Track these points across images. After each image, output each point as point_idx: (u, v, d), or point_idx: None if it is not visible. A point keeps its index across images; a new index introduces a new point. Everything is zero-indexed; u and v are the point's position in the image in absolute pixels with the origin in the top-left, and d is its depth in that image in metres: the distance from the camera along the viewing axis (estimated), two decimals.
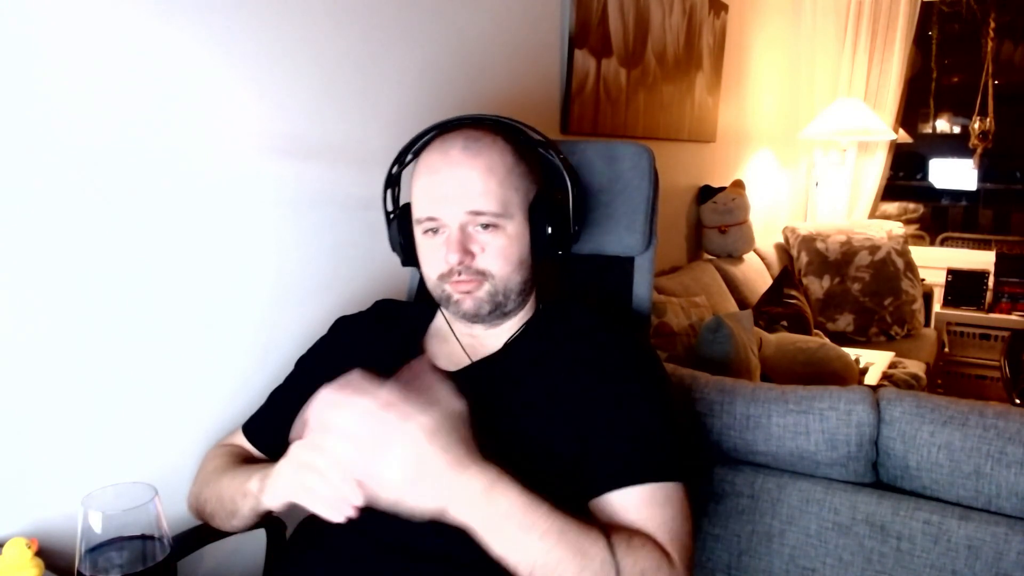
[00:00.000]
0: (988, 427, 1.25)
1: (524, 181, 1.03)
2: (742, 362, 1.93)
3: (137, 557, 0.73)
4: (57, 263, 1.01)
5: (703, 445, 1.44)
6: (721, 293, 2.96)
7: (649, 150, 1.26)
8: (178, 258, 1.16)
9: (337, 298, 1.42)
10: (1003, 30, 4.27)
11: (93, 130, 1.03)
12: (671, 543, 0.88)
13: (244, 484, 0.93)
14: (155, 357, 1.14)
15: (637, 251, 1.27)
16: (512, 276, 1.01)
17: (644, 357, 1.03)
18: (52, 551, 0.98)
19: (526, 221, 1.02)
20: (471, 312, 1.01)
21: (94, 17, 1.01)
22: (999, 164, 4.79)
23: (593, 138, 2.26)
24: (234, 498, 0.96)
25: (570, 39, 2.11)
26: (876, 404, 1.33)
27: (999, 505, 1.24)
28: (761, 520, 1.39)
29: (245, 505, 0.93)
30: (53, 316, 1.02)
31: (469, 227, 0.99)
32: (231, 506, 0.97)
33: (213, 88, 1.17)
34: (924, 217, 5.06)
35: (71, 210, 1.02)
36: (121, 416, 1.11)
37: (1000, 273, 3.73)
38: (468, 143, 0.99)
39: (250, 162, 1.25)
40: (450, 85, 1.65)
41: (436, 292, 1.04)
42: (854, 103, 3.75)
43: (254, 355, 1.29)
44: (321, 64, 1.35)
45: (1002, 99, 4.16)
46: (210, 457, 1.11)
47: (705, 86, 3.10)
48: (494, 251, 0.99)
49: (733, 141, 3.53)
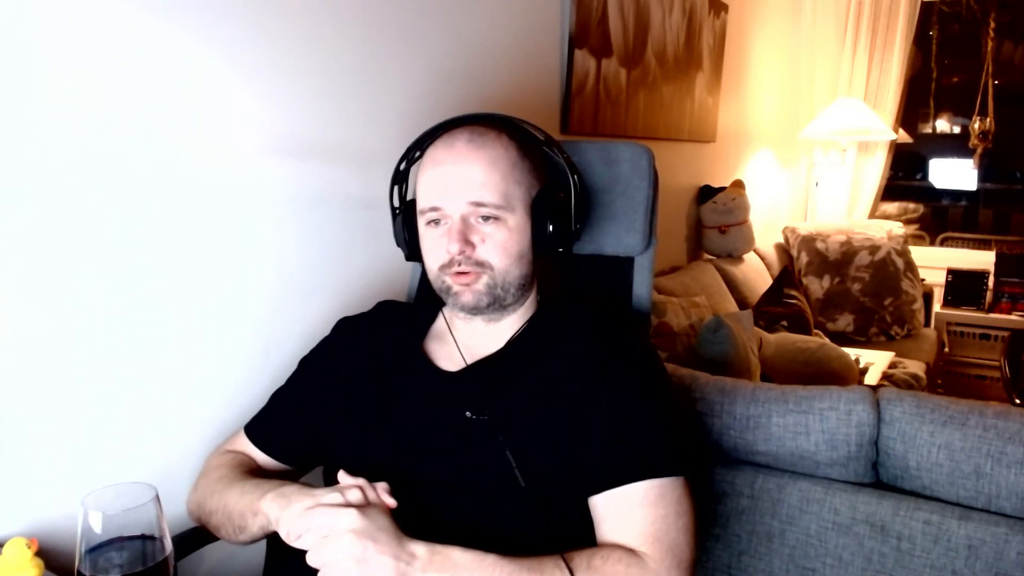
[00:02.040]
0: (988, 427, 1.25)
1: (527, 177, 1.03)
2: (742, 362, 1.93)
3: (137, 557, 0.73)
4: (57, 263, 1.01)
5: (703, 445, 1.44)
6: (721, 293, 2.96)
7: (649, 150, 1.26)
8: (179, 258, 1.16)
9: (337, 298, 1.42)
10: (1003, 30, 4.27)
11: (93, 130, 1.03)
12: (653, 544, 0.89)
13: (256, 502, 0.94)
14: (155, 357, 1.14)
15: (637, 251, 1.27)
16: (511, 269, 1.02)
17: (644, 355, 1.03)
18: (52, 551, 0.98)
19: (528, 216, 1.03)
20: (470, 305, 1.02)
21: (94, 17, 1.01)
22: (999, 164, 4.78)
23: (593, 138, 2.26)
24: (243, 514, 0.96)
25: (570, 39, 2.11)
26: (876, 404, 1.33)
27: (999, 505, 1.24)
28: (761, 520, 1.39)
29: (255, 524, 0.94)
30: (53, 316, 1.02)
31: (471, 218, 0.99)
32: (240, 521, 0.97)
33: (214, 88, 1.17)
34: (924, 217, 5.05)
35: (71, 210, 1.02)
36: (121, 416, 1.11)
37: (1000, 273, 3.73)
38: (473, 137, 1.01)
39: (251, 162, 1.25)
40: (450, 85, 1.65)
41: (437, 284, 1.05)
42: (854, 103, 3.75)
43: (254, 355, 1.29)
44: (322, 64, 1.35)
45: (1002, 99, 4.16)
46: (213, 465, 1.10)
47: (705, 86, 3.10)
48: (494, 243, 1.00)
49: (733, 141, 3.53)
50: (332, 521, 0.83)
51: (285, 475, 1.11)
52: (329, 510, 0.84)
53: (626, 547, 0.89)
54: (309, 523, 0.84)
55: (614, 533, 0.91)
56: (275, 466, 1.12)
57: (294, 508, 0.87)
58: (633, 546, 0.89)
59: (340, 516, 0.83)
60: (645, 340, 1.14)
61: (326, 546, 0.82)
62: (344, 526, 0.82)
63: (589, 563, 0.86)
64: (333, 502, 0.85)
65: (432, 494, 0.95)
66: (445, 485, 0.96)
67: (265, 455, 1.12)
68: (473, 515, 0.94)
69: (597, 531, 0.93)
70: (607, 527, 0.92)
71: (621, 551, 0.88)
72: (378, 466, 0.95)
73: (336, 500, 0.86)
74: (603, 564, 0.86)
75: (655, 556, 0.88)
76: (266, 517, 0.92)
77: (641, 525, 0.90)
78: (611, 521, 0.92)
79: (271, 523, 0.91)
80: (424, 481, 0.96)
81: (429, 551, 0.84)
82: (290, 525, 0.86)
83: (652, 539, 0.89)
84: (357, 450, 1.03)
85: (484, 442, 0.96)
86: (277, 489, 0.93)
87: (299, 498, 0.89)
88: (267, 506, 0.92)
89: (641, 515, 0.90)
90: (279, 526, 0.88)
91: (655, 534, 0.89)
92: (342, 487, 0.89)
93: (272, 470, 1.12)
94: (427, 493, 0.95)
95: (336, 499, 0.86)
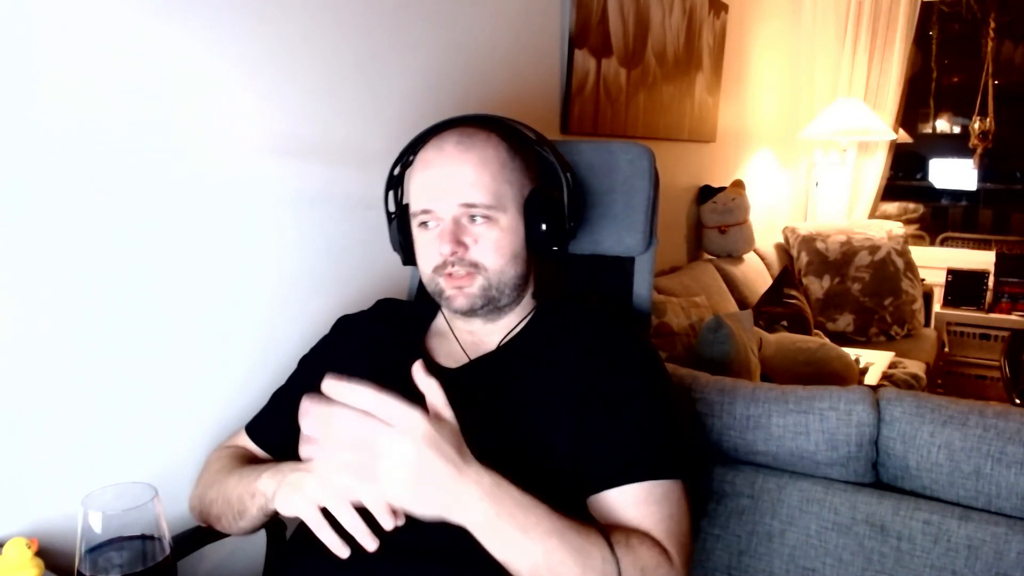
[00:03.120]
0: (988, 427, 1.25)
1: (519, 176, 1.03)
2: (742, 362, 1.93)
3: (137, 557, 0.73)
4: (57, 263, 1.01)
5: (703, 445, 1.44)
6: (721, 293, 2.96)
7: (649, 150, 1.26)
8: (178, 258, 1.16)
9: (337, 297, 1.42)
10: (1003, 30, 4.27)
11: (93, 130, 1.03)
12: (669, 540, 0.88)
13: (253, 484, 0.93)
14: (155, 357, 1.14)
15: (637, 251, 1.27)
16: (506, 269, 1.02)
17: (644, 354, 1.03)
18: (52, 551, 0.98)
19: (520, 216, 1.03)
20: (463, 308, 1.02)
21: (94, 16, 1.01)
22: (999, 164, 4.78)
23: (593, 138, 2.26)
24: (242, 498, 0.95)
25: (570, 39, 2.11)
26: (876, 404, 1.33)
27: (999, 505, 1.24)
28: (761, 520, 1.39)
29: (254, 505, 0.93)
30: (53, 316, 1.02)
31: (463, 219, 1.00)
32: (239, 506, 0.96)
33: (214, 88, 1.17)
34: (924, 217, 5.05)
35: (70, 210, 1.02)
36: (121, 416, 1.11)
37: (1000, 273, 3.73)
38: (462, 139, 1.01)
39: (251, 162, 1.25)
40: (450, 85, 1.65)
41: (431, 287, 1.04)
42: (854, 103, 3.75)
43: (254, 354, 1.29)
44: (322, 64, 1.35)
45: (1002, 99, 4.16)
46: (213, 459, 1.10)
47: (705, 86, 3.10)
48: (487, 243, 1.00)
49: (733, 141, 3.53)
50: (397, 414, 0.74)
51: None
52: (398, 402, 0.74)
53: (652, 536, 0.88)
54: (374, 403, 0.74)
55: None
56: None
57: (289, 478, 0.85)
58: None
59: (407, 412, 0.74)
60: (646, 339, 1.14)
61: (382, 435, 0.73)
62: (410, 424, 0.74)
63: (627, 541, 0.85)
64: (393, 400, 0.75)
65: None
66: None
67: (266, 454, 1.12)
68: None
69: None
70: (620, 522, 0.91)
71: (651, 538, 0.87)
72: None
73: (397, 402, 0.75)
74: (640, 546, 0.85)
75: (672, 550, 0.88)
76: (264, 496, 0.90)
77: (654, 520, 0.89)
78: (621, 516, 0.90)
79: (269, 502, 0.89)
80: None
81: (493, 481, 0.79)
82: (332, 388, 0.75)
83: (667, 534, 0.89)
84: None
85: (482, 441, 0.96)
86: (273, 467, 0.91)
87: (295, 470, 0.86)
88: (263, 484, 0.90)
89: (647, 512, 0.90)
90: (276, 500, 0.86)
91: (668, 529, 0.89)
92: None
93: None
94: None
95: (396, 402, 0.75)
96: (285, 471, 0.88)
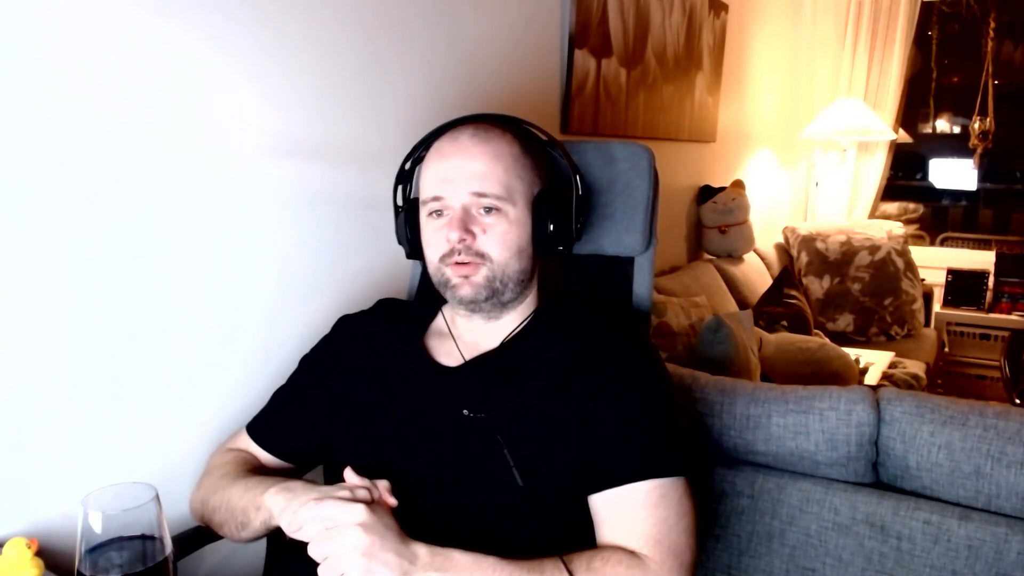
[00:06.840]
0: (988, 427, 1.25)
1: (529, 174, 1.05)
2: (742, 362, 1.93)
3: (137, 557, 0.73)
4: (57, 263, 1.01)
5: (703, 445, 1.44)
6: (721, 293, 2.96)
7: (649, 150, 1.26)
8: (179, 257, 1.16)
9: (338, 297, 1.42)
10: (1003, 30, 4.27)
11: (93, 129, 1.03)
12: (655, 546, 0.89)
13: (258, 497, 0.94)
14: (155, 356, 1.14)
15: (637, 251, 1.27)
16: (511, 263, 1.02)
17: (645, 355, 1.03)
18: (52, 551, 0.98)
19: (528, 212, 1.04)
20: (468, 298, 1.02)
21: (94, 16, 1.01)
22: (999, 164, 4.79)
23: (593, 138, 2.26)
24: (246, 510, 0.96)
25: (570, 39, 2.11)
26: (876, 404, 1.33)
27: (999, 505, 1.24)
28: (761, 520, 1.39)
29: (258, 519, 0.95)
30: (53, 316, 1.02)
31: (472, 209, 1.00)
32: (243, 517, 0.97)
33: (214, 88, 1.17)
34: (924, 217, 5.05)
35: (70, 209, 1.02)
36: (121, 416, 1.11)
37: (1000, 273, 3.73)
38: (477, 132, 1.03)
39: (251, 162, 1.25)
40: (451, 85, 1.65)
41: (436, 277, 1.05)
42: (854, 103, 3.75)
43: (255, 354, 1.29)
44: (323, 64, 1.35)
45: (1002, 99, 4.16)
46: (216, 463, 1.11)
47: (705, 86, 3.10)
48: (495, 235, 1.01)
49: (733, 141, 3.53)
50: (341, 514, 0.83)
51: (287, 473, 1.11)
52: (339, 503, 0.85)
53: (627, 549, 0.89)
54: (316, 514, 0.84)
55: (615, 534, 0.91)
56: (277, 464, 1.12)
57: (300, 500, 0.88)
58: (634, 548, 0.89)
59: (349, 510, 0.83)
60: (646, 339, 1.14)
61: (332, 537, 0.82)
62: (352, 519, 0.82)
63: (589, 565, 0.86)
64: (343, 496, 0.86)
65: (430, 492, 0.95)
66: (443, 483, 0.96)
67: (267, 453, 1.12)
68: (471, 514, 0.94)
69: (597, 532, 0.93)
70: (607, 528, 0.92)
71: (622, 553, 0.88)
72: (377, 463, 0.95)
73: (345, 495, 0.86)
74: (603, 566, 0.86)
75: (656, 558, 0.88)
76: (269, 512, 0.92)
77: (643, 527, 0.90)
78: (611, 522, 0.92)
79: (273, 517, 0.91)
80: (422, 479, 0.96)
81: (430, 552, 0.84)
82: (294, 516, 0.86)
83: (653, 541, 0.89)
84: (357, 447, 1.03)
85: (482, 440, 0.96)
86: (282, 483, 0.93)
87: (305, 492, 0.89)
88: (270, 500, 0.92)
89: (642, 516, 0.90)
90: (282, 519, 0.88)
91: (656, 536, 0.89)
92: (350, 484, 0.89)
93: (274, 468, 1.12)
94: (425, 491, 0.95)
95: (345, 495, 0.87)
96: (296, 491, 0.91)
